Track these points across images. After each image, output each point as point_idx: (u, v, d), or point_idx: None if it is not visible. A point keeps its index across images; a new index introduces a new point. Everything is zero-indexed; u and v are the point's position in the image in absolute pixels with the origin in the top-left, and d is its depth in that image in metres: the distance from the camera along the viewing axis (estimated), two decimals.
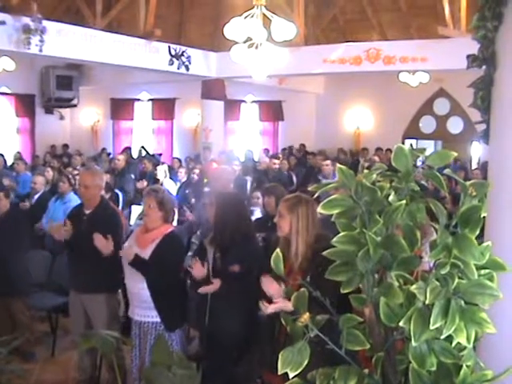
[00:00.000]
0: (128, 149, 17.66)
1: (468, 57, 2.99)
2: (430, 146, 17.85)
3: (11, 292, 6.30)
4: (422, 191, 2.14)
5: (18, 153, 16.19)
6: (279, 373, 2.06)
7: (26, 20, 11.00)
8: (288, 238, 3.86)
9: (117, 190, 10.13)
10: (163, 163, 13.51)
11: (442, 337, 1.94)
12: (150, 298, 4.62)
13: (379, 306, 2.06)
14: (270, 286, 3.51)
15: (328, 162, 11.09)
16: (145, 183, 10.64)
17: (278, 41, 8.19)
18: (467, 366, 2.05)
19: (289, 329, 2.24)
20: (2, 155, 14.17)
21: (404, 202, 2.05)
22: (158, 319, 4.65)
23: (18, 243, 6.38)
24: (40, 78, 18.91)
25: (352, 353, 2.16)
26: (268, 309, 3.46)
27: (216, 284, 4.36)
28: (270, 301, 3.45)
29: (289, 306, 2.50)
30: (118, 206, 9.07)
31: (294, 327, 2.22)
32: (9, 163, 14.25)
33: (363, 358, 2.32)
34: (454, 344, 1.99)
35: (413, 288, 1.98)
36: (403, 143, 15.25)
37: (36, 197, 8.93)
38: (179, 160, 14.61)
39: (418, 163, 2.17)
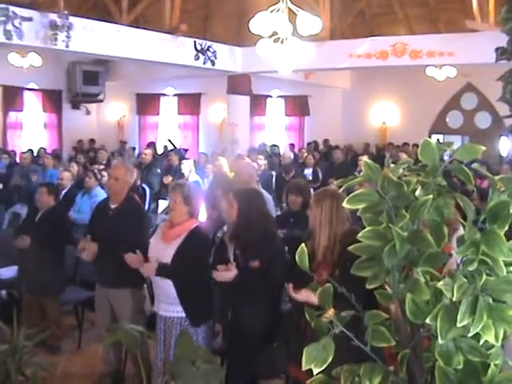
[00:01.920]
0: (153, 144, 17.74)
1: (497, 50, 2.95)
2: (457, 142, 17.67)
3: (47, 290, 6.37)
4: (449, 186, 2.11)
5: (43, 148, 16.34)
6: (303, 369, 2.04)
7: (53, 16, 11.11)
8: (314, 231, 3.87)
9: (144, 185, 10.19)
10: (188, 158, 13.52)
11: (470, 335, 1.91)
12: (175, 293, 4.62)
13: (405, 302, 2.03)
14: (306, 298, 3.52)
15: (365, 156, 11.00)
16: (170, 178, 10.68)
17: (304, 35, 8.17)
18: (495, 365, 2.01)
19: (313, 324, 2.22)
20: (31, 150, 14.33)
21: (431, 196, 2.02)
22: (183, 314, 4.65)
23: (58, 241, 6.43)
24: (67, 73, 19.08)
25: (377, 349, 2.14)
26: (298, 295, 3.50)
27: (232, 272, 4.33)
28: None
29: (315, 300, 2.48)
30: (144, 200, 9.12)
31: (318, 323, 2.20)
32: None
33: (389, 355, 2.30)
34: (481, 342, 1.96)
35: (439, 284, 1.95)
36: (430, 138, 15.12)
37: (63, 192, 8.98)
38: (206, 155, 14.60)
39: (446, 158, 2.13)
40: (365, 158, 10.65)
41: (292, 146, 18.58)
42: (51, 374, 5.17)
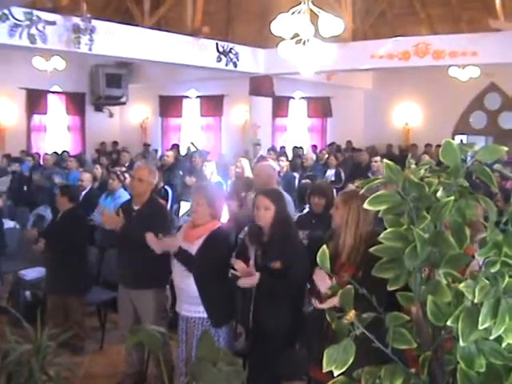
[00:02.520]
0: (176, 146, 17.80)
1: None
2: (480, 142, 17.53)
3: (71, 291, 6.43)
4: (472, 187, 2.10)
5: (65, 151, 16.50)
6: (324, 370, 2.04)
7: (76, 20, 11.24)
8: (339, 231, 3.87)
9: (166, 187, 10.22)
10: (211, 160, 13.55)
11: (492, 337, 1.89)
12: (197, 293, 4.63)
13: (426, 304, 2.02)
14: (321, 280, 3.52)
15: (377, 158, 10.98)
16: (194, 179, 10.70)
17: (326, 36, 8.16)
18: None
19: (334, 326, 2.21)
20: (56, 153, 14.46)
21: (452, 198, 2.01)
22: (204, 315, 4.65)
23: (78, 242, 6.49)
24: (90, 76, 19.25)
25: (399, 352, 2.13)
26: (320, 306, 3.50)
27: (254, 277, 4.33)
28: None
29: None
30: (167, 202, 9.14)
31: (339, 324, 2.19)
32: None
33: (410, 358, 2.28)
34: (504, 345, 1.94)
35: (461, 286, 1.93)
36: (453, 139, 15.00)
37: (83, 193, 9.04)
38: (227, 156, 14.61)
39: (468, 159, 2.11)
40: (377, 159, 10.63)
41: (314, 147, 18.57)
42: (74, 374, 5.19)
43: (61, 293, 6.40)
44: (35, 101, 18.18)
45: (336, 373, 2.04)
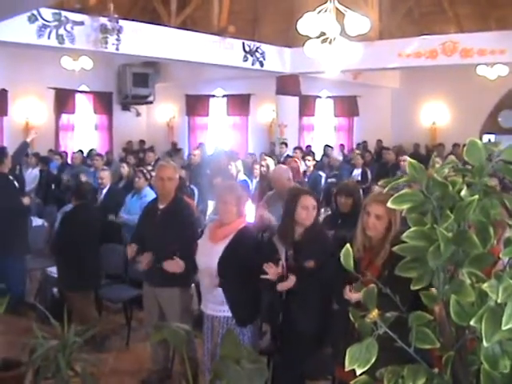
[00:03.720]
0: (202, 144, 17.85)
1: None
2: (509, 141, 17.29)
3: (81, 287, 6.53)
4: (504, 189, 2.09)
5: (93, 149, 16.64)
6: (346, 369, 2.04)
7: (103, 20, 11.34)
8: (373, 235, 3.85)
9: (192, 186, 10.25)
10: (237, 159, 13.56)
11: None
12: (222, 292, 4.65)
13: (450, 303, 2.01)
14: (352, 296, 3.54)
15: (405, 157, 10.92)
16: (219, 179, 10.71)
17: (352, 35, 8.14)
18: None
19: (357, 325, 2.21)
20: (82, 151, 14.58)
21: (476, 197, 2.00)
22: (229, 314, 4.66)
23: (89, 239, 6.56)
24: (117, 75, 19.37)
25: (422, 351, 2.12)
26: (352, 296, 3.50)
27: (292, 280, 4.34)
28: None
29: None
30: (193, 200, 9.17)
31: (362, 323, 2.19)
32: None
33: (433, 357, 2.28)
34: None
35: (485, 286, 1.92)
36: (481, 138, 14.89)
37: (104, 191, 9.10)
38: (254, 155, 14.61)
39: (495, 158, 2.09)
40: (406, 158, 10.57)
41: (342, 146, 18.51)
42: (100, 371, 5.25)
43: (64, 287, 6.55)
44: (63, 100, 18.33)
45: (358, 372, 2.04)
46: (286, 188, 6.06)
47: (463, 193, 2.05)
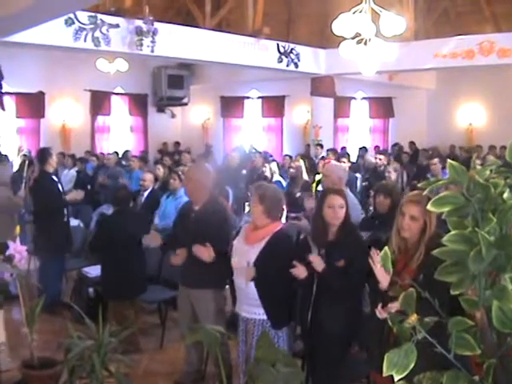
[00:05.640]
0: (240, 146, 17.83)
1: None
2: None
3: (127, 295, 6.57)
4: None
5: (128, 151, 16.77)
6: (384, 375, 2.00)
7: (139, 23, 11.43)
8: (407, 237, 3.79)
9: (227, 187, 10.23)
10: (273, 161, 13.55)
11: None
12: (256, 294, 4.63)
13: (492, 309, 1.96)
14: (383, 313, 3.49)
15: (435, 160, 10.79)
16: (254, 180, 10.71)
17: (387, 36, 8.08)
18: None
19: (395, 330, 2.17)
20: (117, 153, 14.70)
21: None
22: (264, 317, 4.64)
23: (130, 244, 6.58)
24: (152, 77, 19.50)
25: (462, 358, 2.07)
26: (382, 314, 3.44)
27: (321, 264, 4.31)
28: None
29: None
30: (228, 202, 9.17)
31: (400, 328, 2.14)
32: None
33: (474, 364, 2.22)
34: None
35: None
36: None
37: (146, 194, 9.15)
38: (290, 157, 14.59)
39: None
40: (434, 161, 10.44)
41: (377, 148, 18.40)
42: (134, 371, 5.27)
43: (119, 295, 6.56)
44: (99, 102, 18.50)
45: (396, 377, 2.00)
46: (336, 186, 6.02)
47: (506, 195, 2.00)
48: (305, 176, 9.78)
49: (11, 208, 7.80)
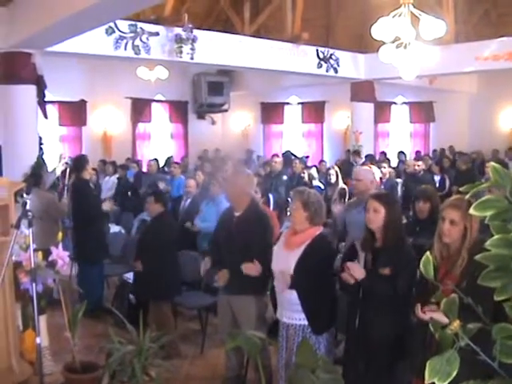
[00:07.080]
0: (287, 152, 17.80)
1: None
2: None
3: (160, 296, 6.61)
4: None
5: (170, 157, 16.86)
6: (426, 382, 1.97)
7: (178, 30, 11.54)
8: (449, 243, 3.73)
9: (269, 193, 10.24)
10: (312, 166, 13.52)
11: None
12: (298, 300, 4.61)
13: None
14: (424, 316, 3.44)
15: (492, 163, 10.63)
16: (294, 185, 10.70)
17: (428, 39, 7.99)
18: None
19: (437, 336, 2.13)
20: (157, 160, 14.81)
21: None
22: (305, 322, 4.62)
23: (167, 247, 6.64)
24: (192, 84, 19.60)
25: (507, 365, 2.02)
26: (424, 315, 3.39)
27: (361, 271, 4.25)
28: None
29: (444, 320, 2.34)
30: (269, 208, 9.17)
31: (443, 335, 2.11)
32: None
33: None
34: None
35: None
36: None
37: (189, 200, 9.21)
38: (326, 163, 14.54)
39: None
40: (492, 164, 10.33)
41: (418, 153, 18.21)
42: (174, 377, 5.29)
43: (150, 296, 6.61)
44: (140, 109, 18.68)
45: None
46: (368, 190, 5.96)
47: None
48: (340, 183, 9.74)
49: (58, 214, 7.96)
